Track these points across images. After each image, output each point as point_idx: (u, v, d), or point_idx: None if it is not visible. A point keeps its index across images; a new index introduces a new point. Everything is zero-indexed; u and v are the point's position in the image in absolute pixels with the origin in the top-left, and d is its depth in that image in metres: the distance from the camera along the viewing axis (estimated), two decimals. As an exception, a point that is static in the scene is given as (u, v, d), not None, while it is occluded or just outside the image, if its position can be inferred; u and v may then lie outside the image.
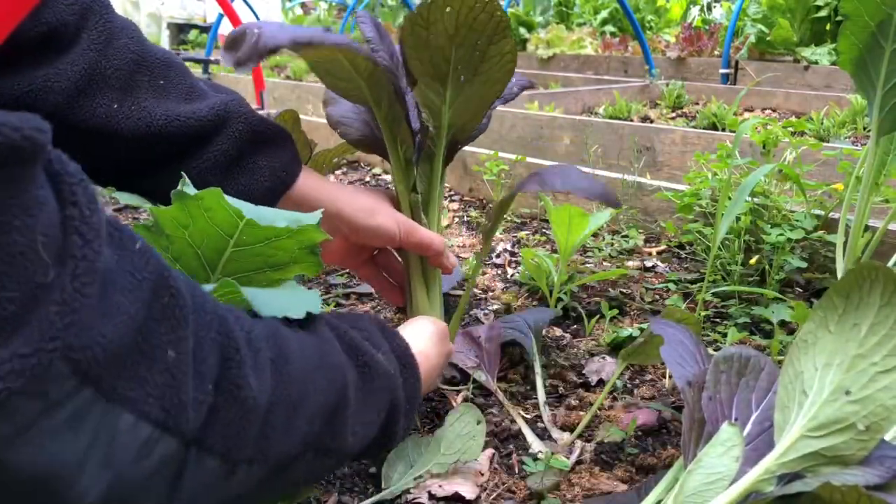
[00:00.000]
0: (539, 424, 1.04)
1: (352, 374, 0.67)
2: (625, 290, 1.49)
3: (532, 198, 2.01)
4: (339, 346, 0.67)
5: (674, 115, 3.68)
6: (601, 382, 1.15)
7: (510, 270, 1.63)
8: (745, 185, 1.21)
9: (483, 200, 2.17)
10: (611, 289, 1.50)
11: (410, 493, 0.88)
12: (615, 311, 1.35)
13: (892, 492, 0.62)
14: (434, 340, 0.91)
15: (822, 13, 4.95)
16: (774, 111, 3.75)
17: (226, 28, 6.24)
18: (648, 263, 1.63)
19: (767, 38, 4.97)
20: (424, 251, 1.02)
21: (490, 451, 0.97)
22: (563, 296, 1.40)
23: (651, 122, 3.42)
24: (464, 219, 2.01)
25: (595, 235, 1.76)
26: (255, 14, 6.73)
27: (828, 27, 5.00)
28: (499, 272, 1.62)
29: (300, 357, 0.60)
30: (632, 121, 3.45)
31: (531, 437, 1.00)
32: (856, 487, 0.60)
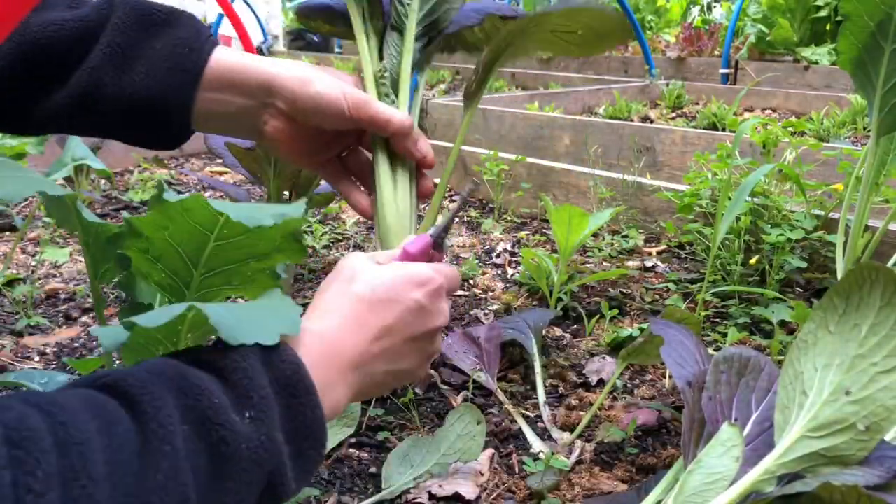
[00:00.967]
0: (539, 424, 1.04)
1: (199, 472, 0.48)
2: (625, 290, 1.49)
3: (532, 198, 2.01)
4: (180, 433, 0.47)
5: (674, 115, 3.68)
6: (601, 382, 1.15)
7: (510, 270, 1.63)
8: (745, 185, 1.21)
9: (483, 200, 2.17)
10: (611, 289, 1.49)
11: (410, 493, 0.88)
12: (615, 311, 1.35)
13: (892, 492, 0.62)
14: (387, 299, 0.66)
15: (822, 13, 4.94)
16: (774, 111, 3.75)
17: (226, 28, 6.23)
18: (648, 263, 1.63)
19: (767, 38, 4.97)
20: (383, 129, 0.83)
21: (490, 451, 0.97)
22: (563, 296, 1.40)
23: (651, 122, 3.42)
24: (464, 219, 2.01)
25: (595, 235, 1.76)
26: (255, 14, 6.73)
27: (828, 27, 5.00)
28: (499, 272, 1.62)
29: (107, 485, 0.42)
30: (632, 121, 3.45)
31: (531, 437, 1.00)
32: (856, 487, 0.60)
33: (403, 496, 0.88)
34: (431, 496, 0.87)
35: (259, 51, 5.92)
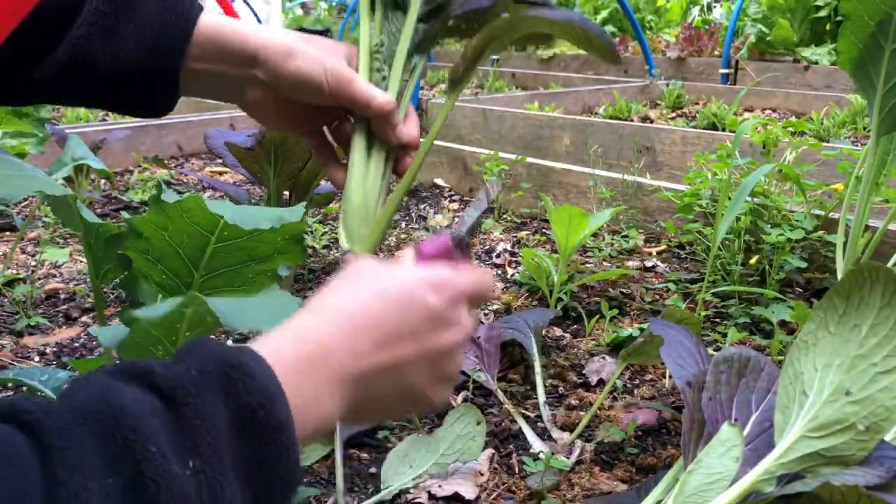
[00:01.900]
0: (539, 424, 1.04)
1: None
2: (625, 290, 1.49)
3: (532, 198, 2.01)
4: (98, 494, 0.40)
5: (674, 115, 3.68)
6: (601, 382, 1.15)
7: (510, 270, 1.63)
8: (745, 185, 1.21)
9: (483, 200, 2.17)
10: (611, 289, 1.49)
11: (410, 493, 0.88)
12: (615, 311, 1.35)
13: (892, 492, 0.62)
14: (397, 299, 0.57)
15: (822, 13, 4.94)
16: (774, 111, 3.75)
17: (226, 28, 6.21)
18: (648, 263, 1.63)
19: (767, 38, 4.97)
20: (363, 110, 0.78)
21: (490, 451, 0.97)
22: (563, 296, 1.40)
23: (651, 122, 3.42)
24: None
25: (595, 235, 1.76)
26: (255, 14, 6.73)
27: (828, 27, 5.00)
28: (499, 272, 1.62)
29: None
30: (632, 121, 3.45)
31: (531, 437, 1.00)
32: (856, 487, 0.60)
33: (403, 496, 0.88)
34: (431, 496, 0.87)
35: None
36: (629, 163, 2.43)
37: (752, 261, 1.43)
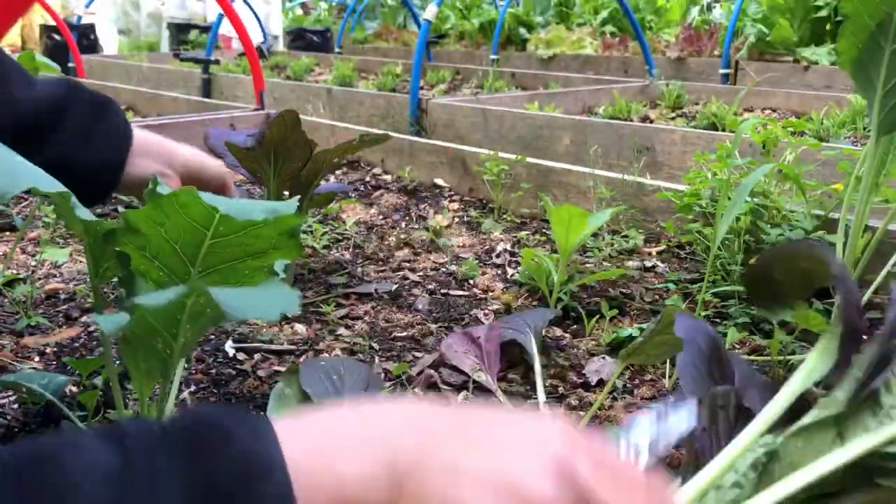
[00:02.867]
0: (539, 424, 1.04)
1: None
2: (625, 290, 1.49)
3: (532, 198, 2.01)
4: None
5: (674, 115, 3.68)
6: (601, 382, 1.15)
7: (510, 270, 1.63)
8: (745, 185, 1.21)
9: (483, 200, 2.17)
10: (611, 289, 1.50)
11: (410, 493, 0.88)
12: (615, 311, 1.35)
13: None
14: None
15: (822, 13, 4.95)
16: (774, 111, 3.75)
17: (226, 28, 6.23)
18: (648, 263, 1.63)
19: (767, 39, 4.97)
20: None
21: (490, 451, 0.96)
22: (563, 296, 1.40)
23: (651, 122, 3.42)
24: (464, 219, 2.01)
25: (595, 235, 1.76)
26: (256, 14, 6.73)
27: (828, 27, 5.00)
28: (499, 272, 1.62)
29: None
30: (632, 121, 3.45)
31: (531, 437, 1.00)
32: None
33: (403, 496, 0.88)
34: (431, 496, 0.87)
35: (259, 51, 5.92)
36: (629, 163, 2.43)
37: (753, 261, 1.43)
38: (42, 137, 0.96)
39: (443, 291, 1.52)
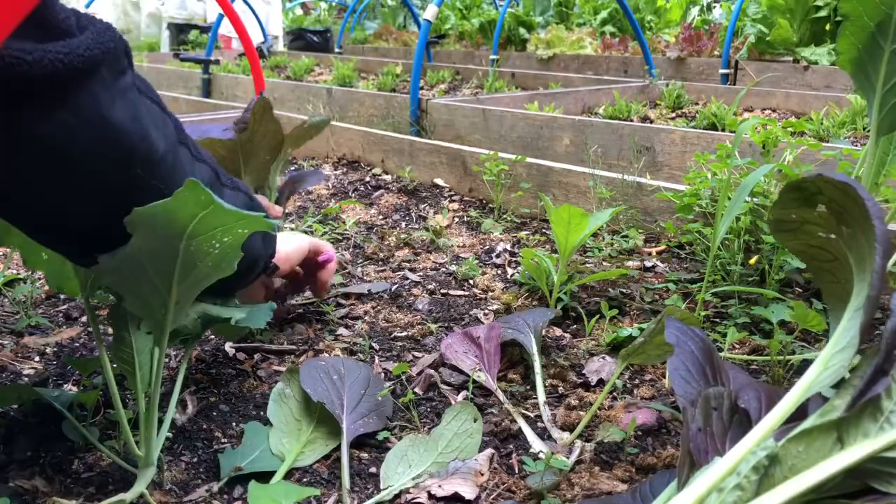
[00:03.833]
0: (539, 424, 1.04)
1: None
2: (625, 290, 1.49)
3: (532, 198, 2.01)
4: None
5: (674, 115, 3.68)
6: (601, 382, 1.15)
7: (510, 270, 1.63)
8: (745, 185, 1.21)
9: (483, 200, 2.17)
10: (611, 289, 1.50)
11: (410, 493, 0.88)
12: (615, 311, 1.35)
13: None
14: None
15: (822, 13, 4.95)
16: (774, 111, 3.75)
17: (226, 28, 6.22)
18: (648, 263, 1.63)
19: (767, 39, 4.97)
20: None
21: (490, 451, 0.97)
22: (563, 296, 1.40)
23: (651, 123, 3.42)
24: (464, 219, 2.01)
25: (595, 235, 1.76)
26: (256, 14, 6.73)
27: (828, 27, 5.00)
28: (499, 272, 1.62)
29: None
30: (632, 121, 3.45)
31: (531, 437, 1.00)
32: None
33: (403, 496, 0.88)
34: (431, 496, 0.87)
35: (259, 51, 5.92)
36: (629, 163, 2.43)
37: (752, 261, 1.43)
38: None
39: (443, 291, 1.52)
